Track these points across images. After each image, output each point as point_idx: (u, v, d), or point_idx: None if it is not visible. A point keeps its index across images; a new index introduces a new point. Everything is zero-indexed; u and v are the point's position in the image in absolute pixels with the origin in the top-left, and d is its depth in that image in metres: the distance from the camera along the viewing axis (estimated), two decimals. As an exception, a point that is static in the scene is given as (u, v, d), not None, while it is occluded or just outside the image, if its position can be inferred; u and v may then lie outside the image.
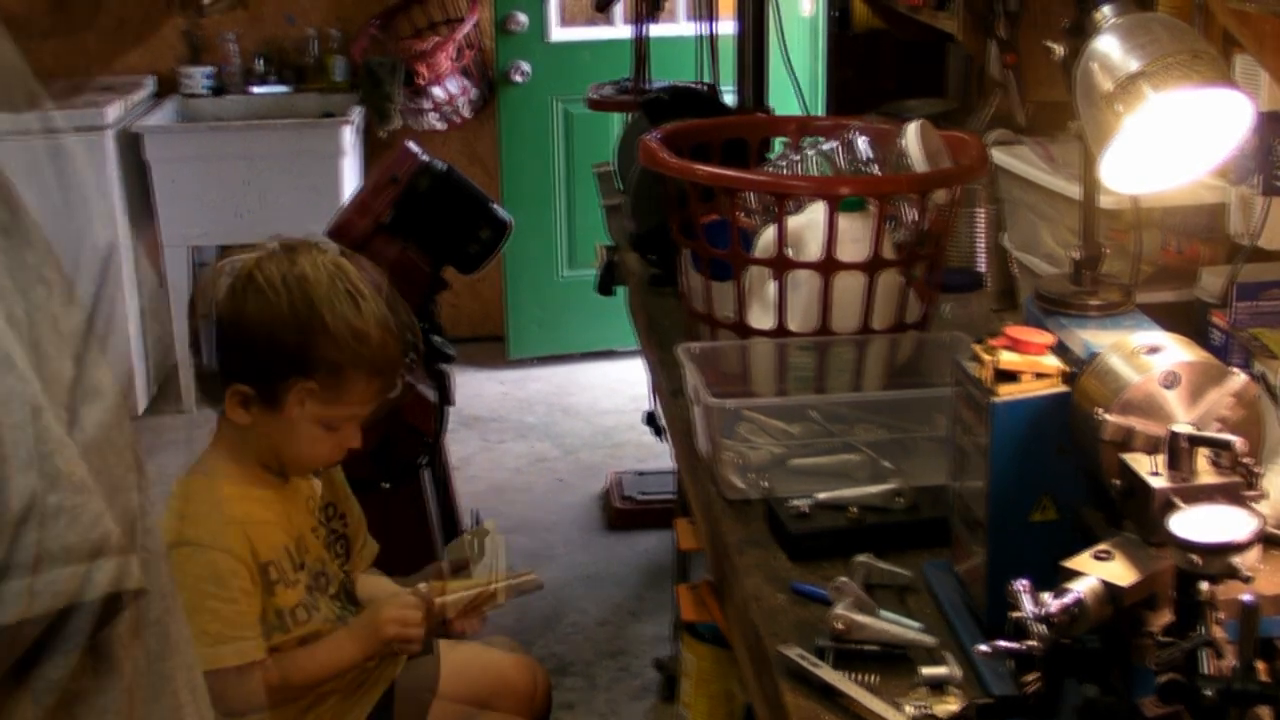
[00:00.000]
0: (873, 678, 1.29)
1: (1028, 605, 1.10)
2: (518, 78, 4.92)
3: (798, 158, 2.08)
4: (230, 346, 1.79)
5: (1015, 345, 1.31)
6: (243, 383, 1.78)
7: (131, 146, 4.45)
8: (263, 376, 1.78)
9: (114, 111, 4.40)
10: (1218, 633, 1.03)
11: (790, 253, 1.85)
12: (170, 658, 0.75)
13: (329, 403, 1.80)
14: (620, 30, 4.79)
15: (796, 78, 3.11)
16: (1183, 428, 1.13)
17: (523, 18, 4.87)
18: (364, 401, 1.83)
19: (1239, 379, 1.20)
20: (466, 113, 4.89)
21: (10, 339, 0.63)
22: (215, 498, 1.83)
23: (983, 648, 1.13)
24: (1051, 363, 1.31)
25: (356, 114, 4.66)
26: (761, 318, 1.89)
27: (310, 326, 1.76)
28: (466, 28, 4.75)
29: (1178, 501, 1.09)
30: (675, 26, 4.75)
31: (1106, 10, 1.40)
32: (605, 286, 2.93)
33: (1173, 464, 1.13)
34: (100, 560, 0.67)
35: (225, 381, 1.80)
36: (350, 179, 4.57)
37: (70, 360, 0.67)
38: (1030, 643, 1.09)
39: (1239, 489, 1.11)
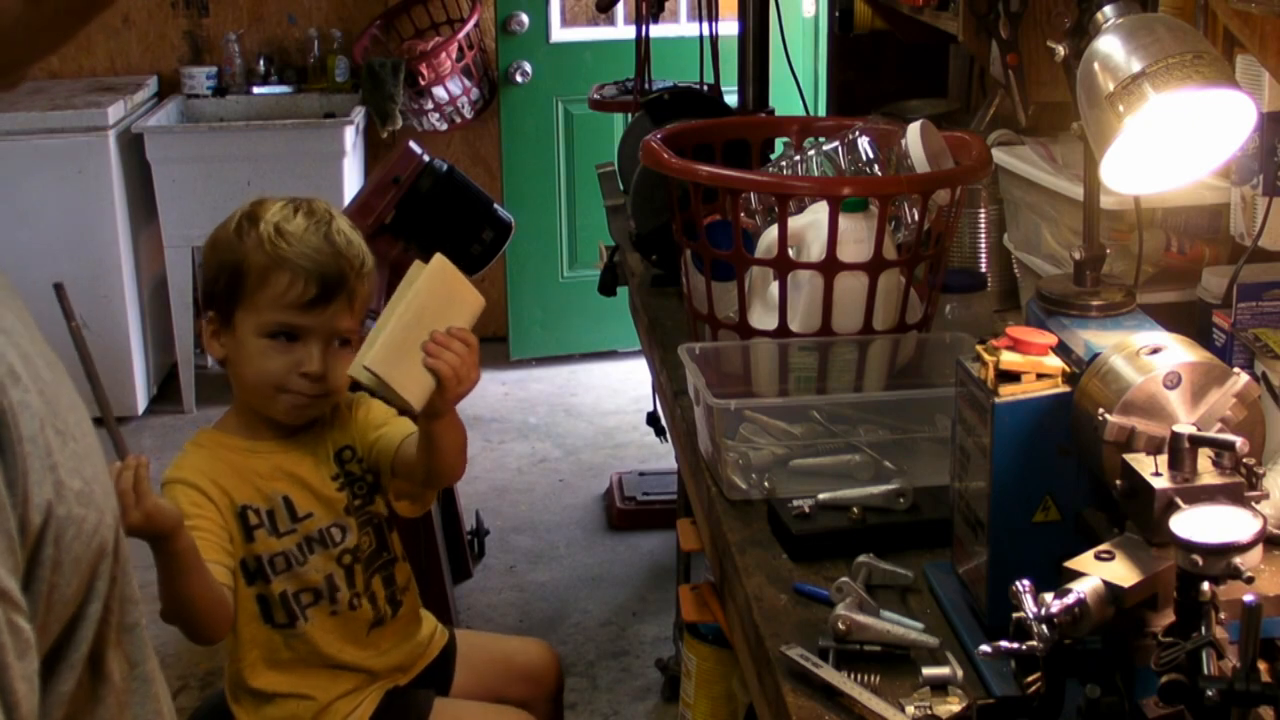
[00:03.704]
0: (874, 678, 1.29)
1: (1029, 606, 1.10)
2: (519, 78, 4.92)
3: (800, 158, 2.08)
4: (202, 280, 1.92)
5: (1017, 345, 1.31)
6: (209, 310, 1.88)
7: (133, 147, 4.46)
8: (218, 299, 1.86)
9: (116, 112, 4.41)
10: (1220, 633, 1.03)
11: (792, 253, 1.85)
12: (147, 661, 0.75)
13: (259, 307, 1.83)
14: (622, 30, 4.80)
15: (798, 78, 3.11)
16: (1185, 428, 1.13)
17: (525, 18, 4.88)
18: (290, 305, 1.82)
19: (1241, 379, 1.20)
20: (468, 113, 4.89)
21: (12, 352, 0.63)
22: (195, 441, 1.91)
23: (985, 648, 1.13)
24: (1053, 363, 1.31)
25: (358, 114, 4.66)
26: (763, 318, 1.89)
27: (246, 235, 1.83)
28: (468, 28, 4.76)
29: (1179, 502, 1.09)
30: (677, 27, 4.75)
31: (1108, 11, 1.40)
32: (607, 287, 2.93)
33: (1174, 464, 1.13)
34: (100, 569, 0.68)
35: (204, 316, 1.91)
36: (352, 180, 4.57)
37: (50, 370, 0.67)
38: (1032, 643, 1.09)
39: (1241, 489, 1.11)
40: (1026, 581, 1.11)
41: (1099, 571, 1.11)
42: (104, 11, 0.72)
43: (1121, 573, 1.10)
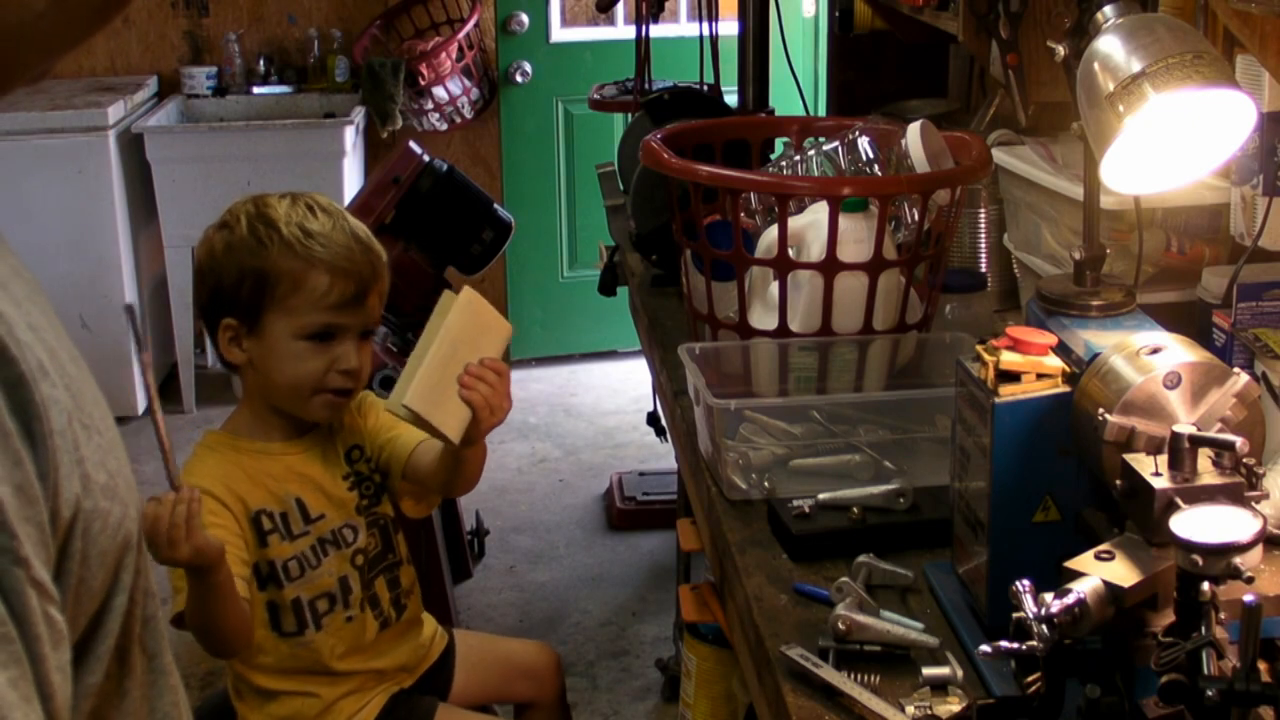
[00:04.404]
0: (874, 678, 1.29)
1: (1029, 606, 1.10)
2: (520, 78, 4.92)
3: (800, 158, 2.08)
4: (207, 286, 1.87)
5: (1017, 346, 1.31)
6: (226, 317, 1.84)
7: (133, 146, 4.46)
8: (240, 305, 1.83)
9: (116, 111, 4.41)
10: (1220, 633, 1.03)
11: (792, 253, 1.85)
12: (164, 654, 0.76)
13: (295, 310, 1.81)
14: (622, 30, 4.80)
15: (798, 78, 3.11)
16: (1185, 428, 1.13)
17: (524, 18, 4.88)
18: (330, 305, 1.81)
19: (1241, 379, 1.20)
20: (468, 113, 4.89)
21: (39, 347, 0.63)
22: (206, 444, 1.90)
23: (985, 648, 1.13)
24: (1053, 363, 1.31)
25: (358, 115, 4.66)
26: (763, 318, 1.89)
27: (268, 239, 1.81)
28: (468, 28, 4.76)
29: (1179, 502, 1.09)
30: (677, 27, 4.75)
31: (1108, 11, 1.40)
32: (607, 287, 2.93)
33: (1174, 464, 1.13)
34: (125, 562, 0.68)
35: (212, 324, 1.87)
36: (352, 180, 4.57)
37: (73, 364, 0.68)
38: (1032, 643, 1.09)
39: (1241, 489, 1.11)
40: (1026, 581, 1.11)
41: (1099, 571, 1.11)
42: (124, 10, 0.72)
43: (1121, 573, 1.10)
